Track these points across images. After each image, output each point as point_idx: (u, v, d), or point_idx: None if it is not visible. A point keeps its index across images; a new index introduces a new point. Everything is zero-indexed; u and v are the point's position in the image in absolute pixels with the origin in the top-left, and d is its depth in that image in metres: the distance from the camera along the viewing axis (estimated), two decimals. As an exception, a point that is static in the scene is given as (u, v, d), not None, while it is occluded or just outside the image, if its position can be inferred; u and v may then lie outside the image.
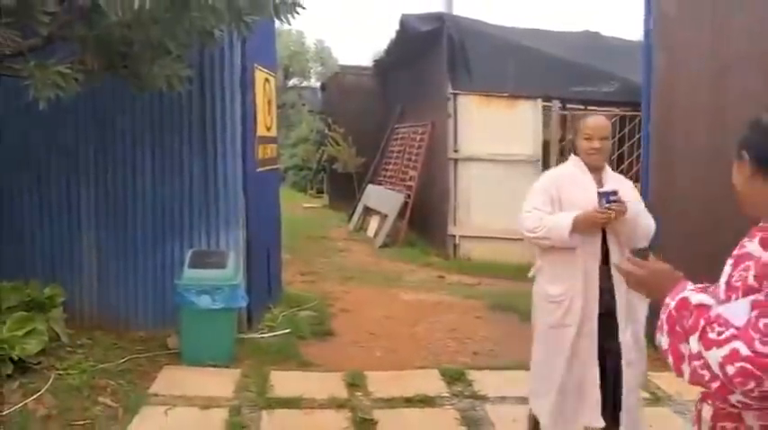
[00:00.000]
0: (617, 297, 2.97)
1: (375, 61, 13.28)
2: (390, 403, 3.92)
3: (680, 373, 1.38)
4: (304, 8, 3.88)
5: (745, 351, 1.25)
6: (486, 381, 4.26)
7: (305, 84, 18.62)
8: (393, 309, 6.24)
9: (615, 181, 3.09)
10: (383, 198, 10.63)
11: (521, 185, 8.28)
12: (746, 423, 1.40)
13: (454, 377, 4.32)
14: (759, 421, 1.36)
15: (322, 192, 16.06)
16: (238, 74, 4.92)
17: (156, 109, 4.83)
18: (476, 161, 8.75)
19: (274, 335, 5.06)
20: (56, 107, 3.56)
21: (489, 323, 5.85)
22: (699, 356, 1.33)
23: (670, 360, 1.41)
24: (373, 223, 10.66)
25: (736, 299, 1.37)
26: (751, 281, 1.35)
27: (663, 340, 1.43)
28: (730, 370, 1.26)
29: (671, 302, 1.44)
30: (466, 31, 8.91)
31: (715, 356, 1.29)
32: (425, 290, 7.13)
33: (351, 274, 7.77)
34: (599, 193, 2.88)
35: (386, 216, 10.07)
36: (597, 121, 3.07)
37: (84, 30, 3.54)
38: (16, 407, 3.45)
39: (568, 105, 8.77)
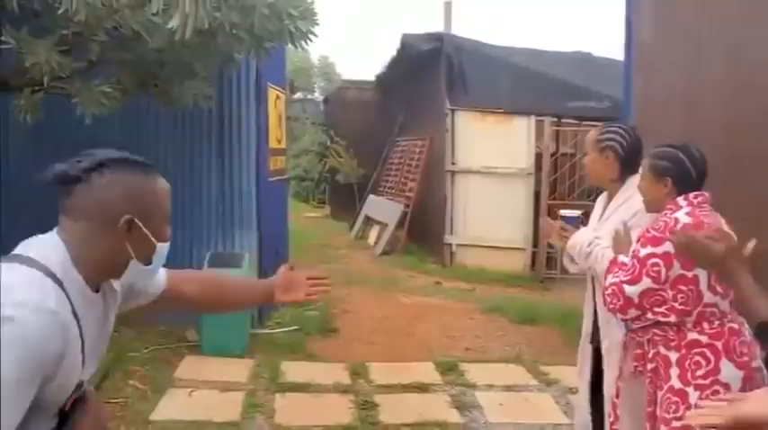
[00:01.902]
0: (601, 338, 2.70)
1: (377, 77, 13.77)
2: (389, 389, 4.37)
3: (603, 300, 2.26)
4: (316, 35, 4.34)
5: (615, 280, 2.18)
6: (476, 372, 4.71)
7: (308, 97, 19.16)
8: (392, 311, 6.68)
9: (621, 212, 2.62)
10: (383, 208, 11.09)
11: (514, 196, 8.94)
12: (644, 348, 2.22)
13: (447, 368, 4.78)
14: (645, 341, 2.21)
15: (324, 203, 16.51)
16: (253, 92, 5.40)
17: (179, 123, 5.30)
18: (472, 173, 9.21)
19: (283, 331, 5.50)
20: (82, 120, 3.99)
21: (481, 324, 6.28)
22: (605, 287, 2.23)
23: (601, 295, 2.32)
24: (373, 232, 11.11)
25: None
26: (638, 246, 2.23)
27: (601, 282, 2.35)
28: (608, 291, 2.19)
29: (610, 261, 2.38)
30: (463, 50, 9.41)
31: (608, 284, 2.21)
32: (423, 294, 7.57)
33: (352, 279, 8.19)
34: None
35: (386, 225, 10.52)
36: (588, 135, 2.82)
37: (124, 54, 4.02)
38: (59, 386, 3.90)
39: (563, 120, 9.27)
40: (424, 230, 10.09)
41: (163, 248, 1.42)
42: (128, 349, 4.68)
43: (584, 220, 2.88)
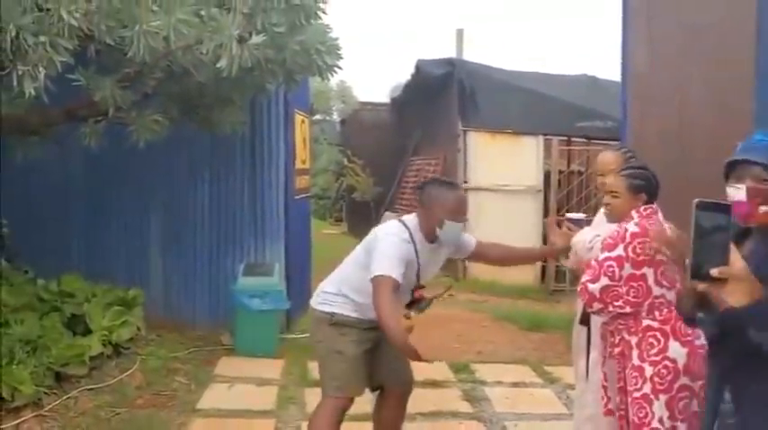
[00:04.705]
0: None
1: (392, 99, 14.31)
2: (407, 385, 4.82)
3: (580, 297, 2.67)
4: (341, 68, 4.86)
5: (583, 279, 2.59)
6: (486, 371, 5.17)
7: (326, 118, 19.80)
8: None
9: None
10: (399, 224, 11.52)
11: (524, 213, 9.39)
12: (614, 336, 2.64)
13: (459, 368, 5.23)
14: (614, 330, 2.63)
15: (341, 220, 17.03)
16: (282, 117, 5.96)
17: (214, 145, 5.84)
18: (483, 191, 9.66)
19: (309, 336, 5.97)
20: (130, 145, 4.51)
21: (493, 331, 6.72)
22: (581, 283, 2.61)
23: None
24: (390, 247, 11.54)
25: None
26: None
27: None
28: (579, 288, 2.61)
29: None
30: (475, 74, 9.93)
31: (581, 282, 2.60)
32: (436, 305, 7.93)
33: (370, 291, 8.64)
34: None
35: (401, 240, 10.95)
36: (603, 157, 3.06)
37: (173, 87, 4.57)
38: (116, 379, 4.43)
39: (572, 139, 9.74)
40: (438, 245, 10.51)
41: (453, 225, 2.96)
42: (171, 350, 5.19)
43: (588, 222, 3.31)
